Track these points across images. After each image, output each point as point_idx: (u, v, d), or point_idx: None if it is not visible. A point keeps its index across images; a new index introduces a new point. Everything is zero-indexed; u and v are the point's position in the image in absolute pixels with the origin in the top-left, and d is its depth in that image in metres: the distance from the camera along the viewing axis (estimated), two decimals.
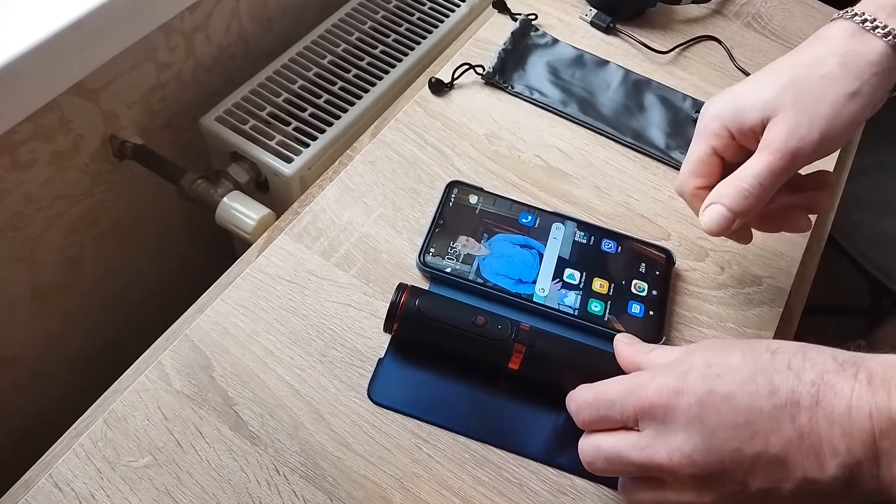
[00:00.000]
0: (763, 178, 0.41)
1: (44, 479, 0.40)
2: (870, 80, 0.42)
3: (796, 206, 0.46)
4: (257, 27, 0.73)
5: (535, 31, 0.66)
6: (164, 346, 0.45)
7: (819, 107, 0.41)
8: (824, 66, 0.42)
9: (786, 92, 0.42)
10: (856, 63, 0.42)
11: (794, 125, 0.41)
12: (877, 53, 0.42)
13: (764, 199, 0.42)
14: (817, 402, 0.31)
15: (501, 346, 0.43)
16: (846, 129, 0.41)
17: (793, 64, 0.43)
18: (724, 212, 0.42)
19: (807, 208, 0.46)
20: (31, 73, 0.48)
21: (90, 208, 0.66)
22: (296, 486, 0.41)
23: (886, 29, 0.42)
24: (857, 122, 0.42)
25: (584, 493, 0.42)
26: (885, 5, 0.43)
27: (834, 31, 0.44)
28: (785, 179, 0.42)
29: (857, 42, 0.42)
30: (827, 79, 0.42)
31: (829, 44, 0.43)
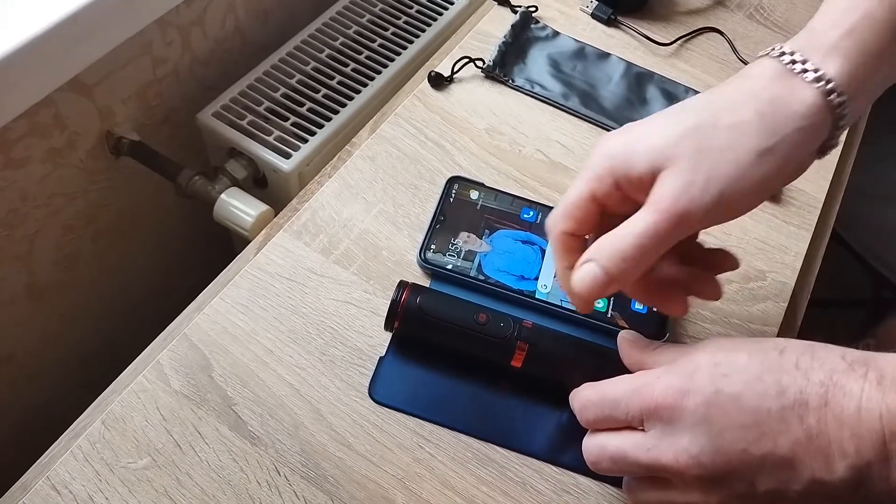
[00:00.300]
0: (645, 241, 0.34)
1: (41, 482, 0.39)
2: (790, 137, 0.34)
3: (680, 283, 0.39)
4: (254, 21, 0.72)
5: (536, 24, 0.65)
6: (162, 346, 0.44)
7: (721, 163, 0.33)
8: (737, 112, 0.34)
9: (686, 139, 0.34)
10: (777, 114, 0.34)
11: (687, 182, 0.33)
12: (804, 104, 0.34)
13: (645, 264, 0.35)
14: (826, 403, 0.31)
15: (504, 344, 0.43)
16: (751, 194, 0.34)
17: (704, 105, 0.36)
18: (598, 273, 0.35)
19: (691, 290, 0.39)
20: (25, 68, 0.48)
21: (86, 206, 0.65)
22: (297, 486, 0.40)
23: (818, 73, 0.34)
24: (770, 186, 0.35)
25: (588, 492, 0.42)
26: (820, 43, 0.35)
27: (757, 70, 0.36)
28: (672, 244, 0.34)
29: (783, 87, 0.35)
30: (737, 129, 0.34)
31: (751, 85, 0.36)
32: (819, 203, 0.58)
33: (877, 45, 0.35)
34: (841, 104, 0.35)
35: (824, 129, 0.35)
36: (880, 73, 0.36)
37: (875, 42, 0.35)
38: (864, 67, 0.35)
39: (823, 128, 0.35)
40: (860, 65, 0.35)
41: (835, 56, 0.35)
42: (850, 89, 0.35)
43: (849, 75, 0.35)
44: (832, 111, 0.35)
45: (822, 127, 0.35)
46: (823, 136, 0.36)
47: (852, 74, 0.35)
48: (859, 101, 0.36)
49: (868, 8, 0.35)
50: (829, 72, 0.35)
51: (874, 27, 0.35)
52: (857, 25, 0.35)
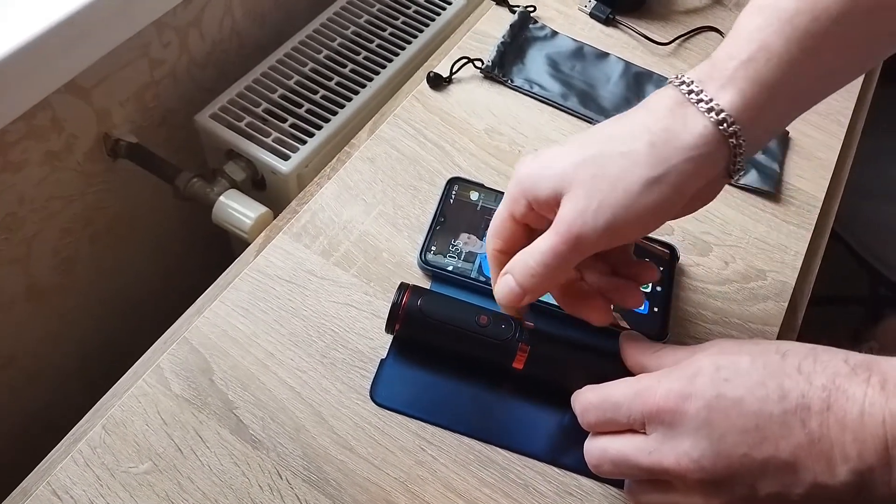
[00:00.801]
0: (548, 259, 0.36)
1: (42, 487, 0.39)
2: (679, 167, 0.35)
3: (605, 293, 0.41)
4: (251, 22, 0.72)
5: (534, 24, 0.65)
6: (163, 349, 0.44)
7: (613, 191, 0.35)
8: (632, 142, 0.36)
9: (584, 166, 0.36)
10: (667, 144, 0.35)
11: (583, 207, 0.35)
12: (694, 135, 0.35)
13: (552, 279, 0.37)
14: (829, 407, 0.31)
15: (505, 346, 0.43)
16: (642, 221, 0.36)
17: (605, 134, 0.37)
18: (513, 285, 0.38)
19: (614, 299, 0.41)
20: (23, 71, 0.47)
21: (84, 208, 0.65)
22: (298, 490, 0.40)
23: (711, 103, 0.35)
24: (661, 214, 0.36)
25: (590, 494, 0.42)
26: (717, 73, 0.36)
27: (659, 99, 0.37)
28: (574, 263, 0.37)
29: (677, 118, 0.36)
30: (628, 158, 0.35)
31: (649, 115, 0.37)
32: (818, 202, 0.58)
33: (771, 77, 0.35)
34: (734, 134, 0.35)
35: (719, 158, 0.36)
36: (779, 104, 0.36)
37: (770, 74, 0.35)
38: (758, 98, 0.35)
39: (718, 157, 0.36)
40: (754, 95, 0.35)
41: (729, 87, 0.36)
42: (744, 120, 0.35)
43: (742, 106, 0.35)
44: (726, 141, 0.35)
45: (715, 156, 0.36)
46: (720, 165, 0.36)
47: (746, 105, 0.35)
48: (757, 130, 0.36)
49: (765, 40, 0.36)
50: (722, 102, 0.35)
51: (770, 59, 0.35)
52: (753, 56, 0.36)
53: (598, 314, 0.41)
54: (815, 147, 0.61)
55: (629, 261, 0.42)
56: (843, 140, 0.63)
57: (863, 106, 0.68)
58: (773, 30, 0.36)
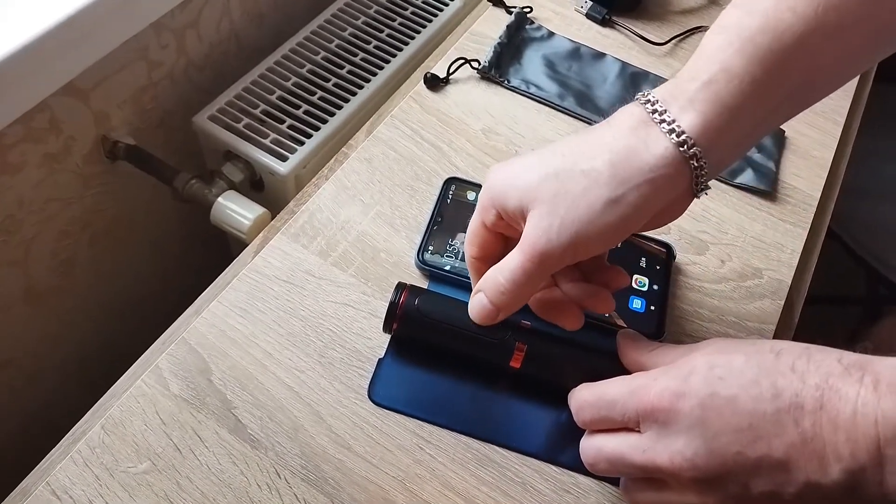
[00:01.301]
0: (517, 277, 0.37)
1: (41, 487, 0.39)
2: (639, 188, 0.35)
3: (577, 299, 0.41)
4: (248, 24, 0.72)
5: (531, 25, 0.66)
6: (161, 350, 0.44)
7: (574, 209, 0.35)
8: (594, 160, 0.36)
9: (547, 183, 0.36)
10: (627, 164, 0.35)
11: (547, 225, 0.36)
12: (655, 155, 0.35)
13: (522, 295, 0.38)
14: (822, 407, 0.31)
15: (502, 345, 0.43)
16: (604, 237, 0.36)
17: (570, 150, 0.37)
18: (486, 303, 0.39)
19: (586, 305, 0.41)
20: (21, 73, 0.48)
21: (83, 210, 0.65)
22: (297, 489, 0.40)
23: (672, 125, 0.35)
24: (622, 230, 0.36)
25: (588, 492, 0.42)
26: (681, 93, 0.36)
27: (624, 116, 0.37)
28: (543, 279, 0.37)
29: (639, 137, 0.36)
30: (589, 176, 0.35)
31: (613, 133, 0.37)
32: (814, 200, 0.58)
33: (732, 99, 0.35)
34: (695, 156, 0.35)
35: (680, 178, 0.36)
36: (741, 125, 0.36)
37: (730, 95, 0.35)
38: (719, 120, 0.35)
39: (678, 178, 0.36)
40: (715, 118, 0.35)
41: (690, 108, 0.35)
42: (704, 141, 0.35)
43: (703, 128, 0.35)
44: (687, 162, 0.35)
45: (676, 177, 0.36)
46: (682, 185, 0.36)
47: (707, 127, 0.35)
48: (720, 151, 0.36)
49: (726, 61, 0.35)
50: (683, 123, 0.35)
51: (731, 81, 0.35)
52: (714, 77, 0.35)
53: (570, 320, 0.41)
54: (810, 146, 0.61)
55: (602, 266, 0.42)
56: (839, 138, 0.63)
57: (858, 104, 0.68)
58: (735, 49, 0.35)
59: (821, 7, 0.35)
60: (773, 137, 0.61)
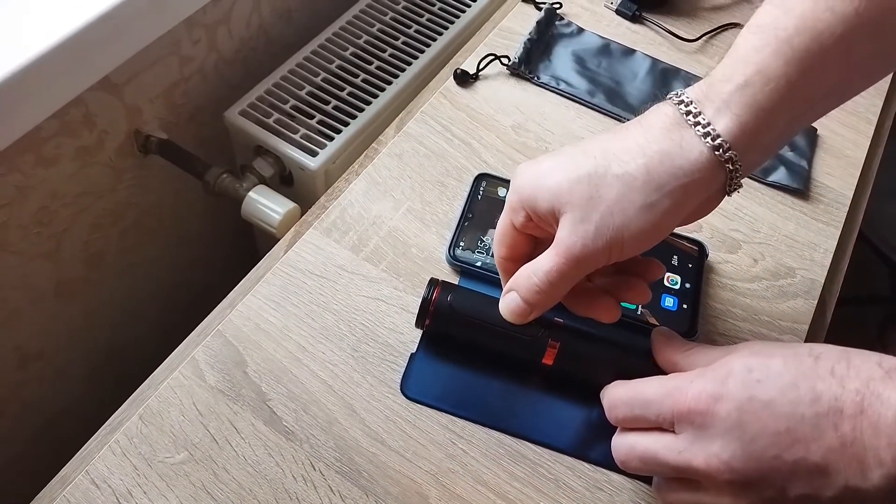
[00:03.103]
0: (552, 278, 0.37)
1: (81, 476, 0.40)
2: (674, 192, 0.35)
3: (612, 291, 0.41)
4: (278, 19, 0.73)
5: (560, 21, 0.65)
6: (197, 342, 0.45)
7: (609, 213, 0.35)
8: (627, 163, 0.35)
9: (580, 185, 0.36)
10: (662, 168, 0.35)
11: (583, 230, 0.35)
12: (690, 160, 0.35)
13: (557, 295, 0.38)
14: (862, 411, 0.31)
15: (535, 342, 0.43)
16: (641, 240, 0.36)
17: (601, 151, 0.36)
18: (519, 301, 0.38)
19: (622, 296, 0.41)
20: (57, 69, 0.48)
21: (115, 204, 0.66)
22: (332, 481, 0.41)
23: (707, 128, 0.34)
24: (658, 233, 0.36)
25: (620, 489, 0.42)
26: (714, 95, 0.35)
27: (656, 117, 0.36)
28: (577, 279, 0.37)
29: (673, 140, 0.35)
30: (623, 181, 0.35)
31: (645, 134, 0.36)
32: (847, 200, 0.57)
33: (769, 102, 0.35)
34: (730, 159, 0.35)
35: (714, 181, 0.36)
36: (775, 127, 0.36)
37: (766, 98, 0.35)
38: (754, 123, 0.35)
39: (713, 180, 0.35)
40: (751, 120, 0.35)
41: (725, 111, 0.35)
42: (740, 145, 0.35)
43: (739, 131, 0.35)
44: (722, 166, 0.35)
45: (710, 180, 0.35)
46: (715, 186, 0.36)
47: (743, 130, 0.35)
48: (754, 153, 0.36)
49: (762, 62, 0.35)
50: (718, 127, 0.35)
51: (767, 84, 0.34)
52: (750, 80, 0.35)
53: (606, 312, 0.40)
54: (843, 145, 0.61)
55: (635, 259, 0.41)
56: (871, 138, 0.62)
57: (891, 104, 0.67)
58: (771, 50, 0.35)
59: (862, 5, 0.34)
60: (806, 136, 0.60)
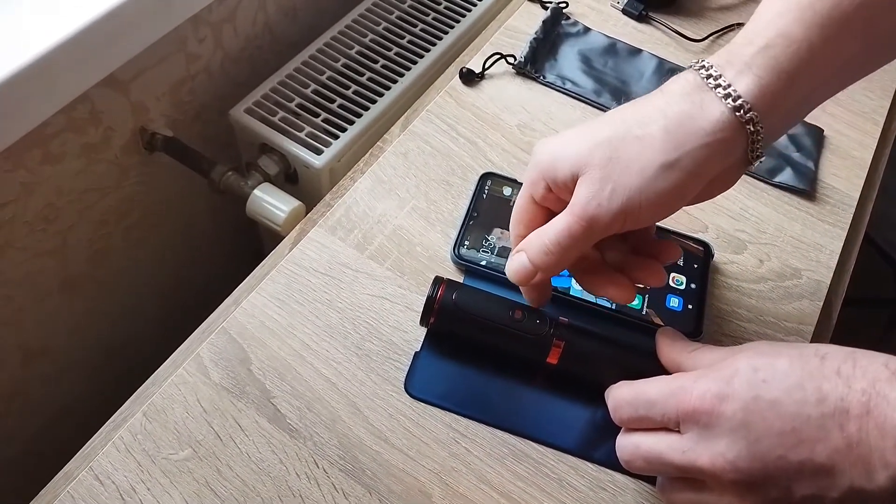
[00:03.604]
0: (562, 239, 0.37)
1: (85, 472, 0.40)
2: (694, 153, 0.35)
3: (627, 271, 0.41)
4: (283, 18, 0.73)
5: (567, 20, 0.65)
6: (201, 339, 0.45)
7: (627, 174, 0.35)
8: (647, 126, 0.36)
9: (600, 149, 0.36)
10: (682, 129, 0.35)
11: (598, 189, 0.35)
12: (710, 120, 0.35)
13: (566, 258, 0.37)
14: (868, 412, 0.31)
15: (540, 341, 0.43)
16: (659, 204, 0.35)
17: (622, 117, 0.37)
18: (526, 262, 0.39)
19: (636, 278, 0.40)
20: (65, 65, 0.48)
21: (120, 201, 0.66)
22: (335, 479, 0.41)
23: (728, 89, 0.35)
24: (676, 198, 0.36)
25: (624, 489, 0.42)
26: (736, 58, 0.35)
27: (677, 84, 0.37)
28: (590, 243, 0.37)
29: (694, 102, 0.35)
30: (643, 142, 0.35)
31: (666, 99, 0.36)
32: (853, 201, 0.57)
33: (790, 64, 0.35)
34: (751, 120, 0.35)
35: (736, 144, 0.35)
36: (797, 91, 0.36)
37: (788, 61, 0.35)
38: (776, 85, 0.35)
39: (734, 143, 0.35)
40: (772, 83, 0.35)
41: (747, 73, 0.35)
42: (761, 106, 0.35)
43: (760, 92, 0.35)
44: (743, 127, 0.35)
45: (732, 143, 0.35)
46: (737, 152, 0.36)
47: (764, 92, 0.35)
48: (775, 118, 0.36)
49: (784, 26, 0.35)
50: (739, 88, 0.35)
51: (789, 46, 0.35)
52: (771, 42, 0.35)
53: (620, 291, 0.40)
54: (850, 146, 0.61)
55: (650, 241, 0.42)
56: (878, 139, 0.62)
57: None
58: (794, 16, 0.35)
59: None
60: (813, 137, 0.60)
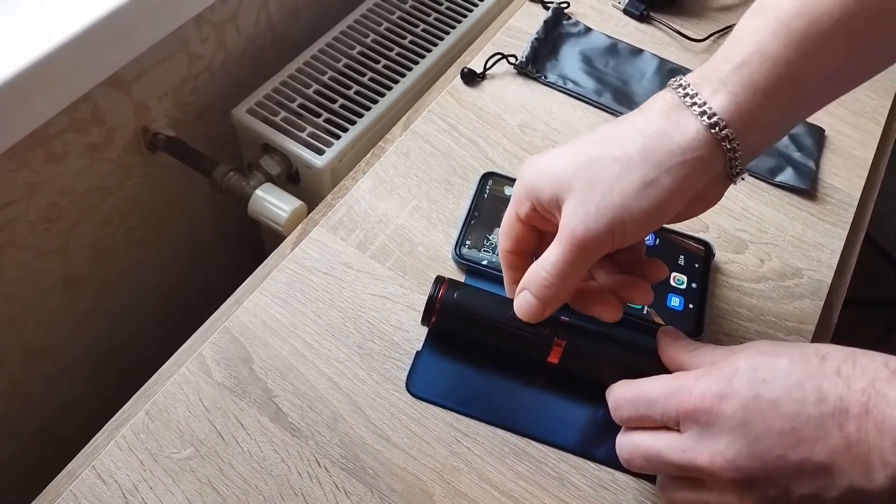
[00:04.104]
0: (560, 269, 0.37)
1: (87, 471, 0.40)
2: (672, 171, 0.35)
3: (610, 291, 0.41)
4: (285, 18, 0.73)
5: (568, 20, 0.65)
6: (204, 338, 0.45)
7: (609, 195, 0.35)
8: (626, 146, 0.36)
9: (581, 171, 0.36)
10: (660, 147, 0.35)
11: (583, 213, 0.36)
12: (687, 138, 0.35)
13: (567, 286, 0.38)
14: (867, 412, 0.31)
15: (540, 340, 0.43)
16: (642, 222, 0.35)
17: (603, 137, 0.37)
18: (531, 300, 0.39)
19: (624, 297, 0.41)
20: (67, 65, 0.48)
21: (123, 201, 0.66)
22: (336, 478, 0.41)
23: (703, 107, 0.35)
24: (659, 215, 0.36)
25: (625, 488, 0.42)
26: (713, 75, 0.36)
27: (656, 102, 0.37)
28: (585, 267, 0.37)
29: (671, 121, 0.36)
30: (621, 162, 0.35)
31: (644, 118, 0.37)
32: (854, 200, 0.57)
33: (765, 82, 0.35)
34: (727, 137, 0.35)
35: (714, 161, 0.35)
36: (775, 108, 0.36)
37: (763, 78, 0.35)
38: (751, 102, 0.35)
39: (712, 160, 0.35)
40: (747, 100, 0.35)
41: (722, 90, 0.35)
42: (737, 123, 0.35)
43: (735, 109, 0.35)
44: (719, 144, 0.35)
45: (709, 160, 0.35)
46: (716, 169, 0.36)
47: (739, 109, 0.35)
48: (753, 135, 0.36)
49: (760, 43, 0.35)
50: (714, 105, 0.35)
51: (764, 63, 0.35)
52: (747, 59, 0.35)
53: (608, 311, 0.40)
54: (851, 145, 0.61)
55: (640, 260, 0.42)
56: (879, 139, 0.62)
57: None
58: (770, 31, 0.35)
59: None
60: (813, 136, 0.60)
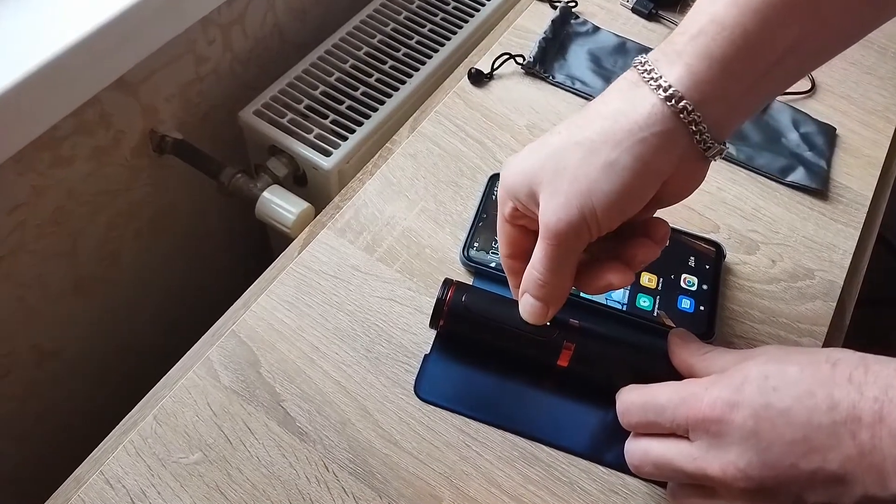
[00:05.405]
0: (546, 265, 0.36)
1: (95, 476, 0.40)
2: (632, 149, 0.34)
3: (614, 259, 0.39)
4: (292, 19, 0.73)
5: (576, 19, 0.65)
6: (211, 342, 0.45)
7: (575, 182, 0.34)
8: (586, 130, 0.35)
9: (548, 162, 0.35)
10: (617, 127, 0.34)
11: (554, 204, 0.35)
12: (643, 114, 0.34)
13: (561, 281, 0.37)
14: (881, 419, 0.30)
15: (550, 344, 0.43)
16: (613, 204, 0.34)
17: (567, 125, 0.36)
18: (532, 301, 0.38)
19: (623, 261, 0.38)
20: (75, 68, 0.48)
21: (130, 203, 0.66)
22: (345, 483, 0.40)
23: (659, 80, 0.33)
24: (631, 196, 0.35)
25: (635, 493, 0.42)
26: (670, 48, 0.34)
27: (616, 83, 0.36)
28: (574, 257, 0.36)
29: (626, 99, 0.34)
30: (584, 147, 0.35)
31: (604, 100, 0.36)
32: (866, 200, 0.57)
33: (721, 50, 0.33)
34: (684, 109, 0.33)
35: (677, 136, 0.34)
36: (737, 79, 0.34)
37: (719, 47, 0.33)
38: (707, 73, 0.33)
39: (675, 135, 0.34)
40: (703, 70, 0.33)
41: (677, 62, 0.34)
42: (695, 94, 0.33)
43: (690, 80, 0.33)
44: (676, 117, 0.34)
45: (671, 135, 0.34)
46: (681, 144, 0.34)
47: (696, 80, 0.33)
48: (717, 107, 0.34)
49: (717, 11, 0.33)
50: (670, 78, 0.34)
51: (720, 32, 0.33)
52: (703, 29, 0.33)
53: (617, 275, 0.38)
54: (863, 144, 0.60)
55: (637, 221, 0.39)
56: (891, 137, 0.61)
57: None
58: (728, 1, 0.33)
59: None
60: (825, 135, 0.59)
